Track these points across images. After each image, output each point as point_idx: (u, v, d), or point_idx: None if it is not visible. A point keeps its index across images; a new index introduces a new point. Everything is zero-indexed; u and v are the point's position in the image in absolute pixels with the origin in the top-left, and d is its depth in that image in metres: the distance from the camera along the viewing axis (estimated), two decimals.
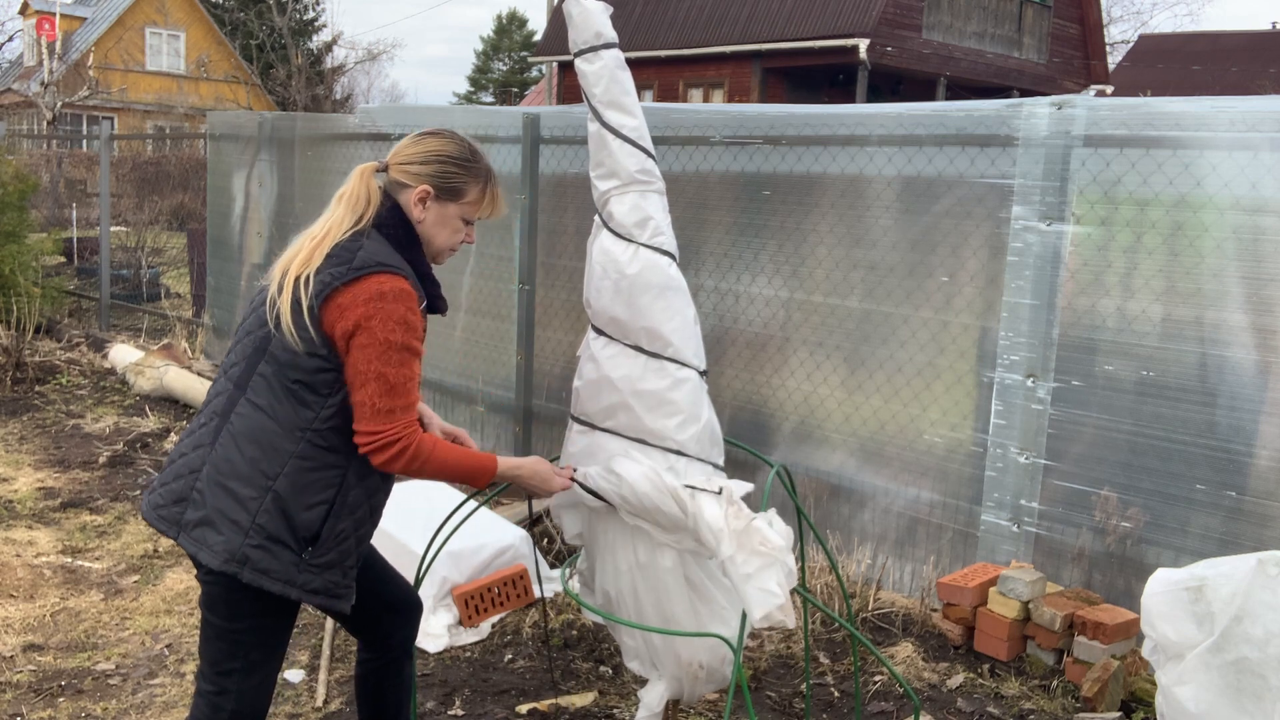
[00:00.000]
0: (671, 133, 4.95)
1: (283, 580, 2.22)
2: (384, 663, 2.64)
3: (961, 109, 4.22)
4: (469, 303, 6.24)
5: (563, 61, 23.82)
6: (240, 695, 2.30)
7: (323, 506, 2.23)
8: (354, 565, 2.35)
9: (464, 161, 2.37)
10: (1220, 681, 2.49)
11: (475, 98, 55.51)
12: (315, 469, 2.22)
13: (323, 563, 2.26)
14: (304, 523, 2.22)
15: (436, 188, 2.33)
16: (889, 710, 3.53)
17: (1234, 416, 3.59)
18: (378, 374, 2.16)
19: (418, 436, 2.21)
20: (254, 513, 2.20)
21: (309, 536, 2.23)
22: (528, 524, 4.83)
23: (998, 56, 21.87)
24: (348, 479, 2.26)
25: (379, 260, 2.20)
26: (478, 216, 2.42)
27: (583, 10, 2.66)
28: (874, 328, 4.44)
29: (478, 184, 2.38)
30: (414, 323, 2.21)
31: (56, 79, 25.19)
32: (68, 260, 13.23)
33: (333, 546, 2.26)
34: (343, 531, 2.27)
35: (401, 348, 2.18)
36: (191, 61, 35.75)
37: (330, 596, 2.30)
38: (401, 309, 2.18)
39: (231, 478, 2.21)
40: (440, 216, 2.35)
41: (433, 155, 2.35)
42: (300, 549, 2.23)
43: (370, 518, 2.36)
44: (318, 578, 2.26)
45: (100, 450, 6.17)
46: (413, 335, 2.20)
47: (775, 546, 2.32)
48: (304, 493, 2.22)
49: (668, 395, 2.62)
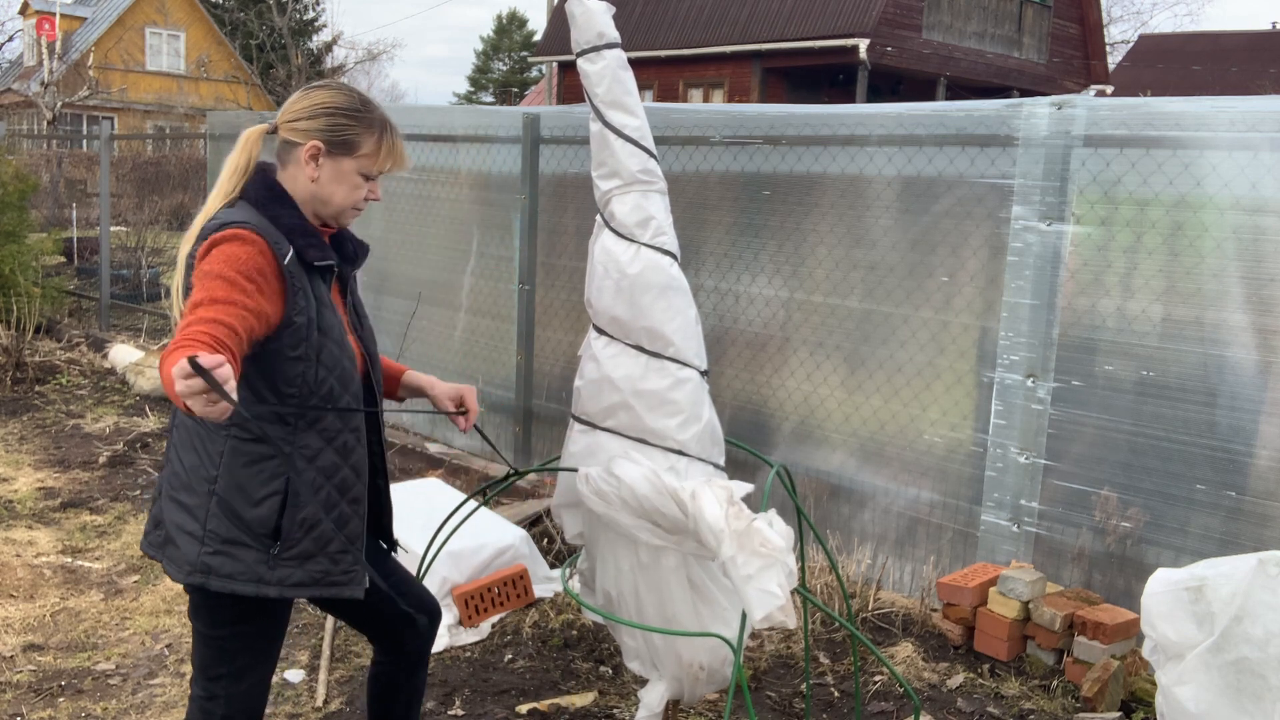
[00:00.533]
0: (671, 133, 4.95)
1: (253, 581, 2.15)
2: (398, 668, 2.60)
3: (961, 109, 4.22)
4: (469, 303, 6.24)
5: (563, 61, 23.82)
6: (230, 700, 2.26)
7: (274, 499, 2.14)
8: (347, 550, 2.24)
9: (355, 112, 2.21)
10: (1220, 681, 2.49)
11: (475, 98, 55.51)
12: (251, 463, 2.13)
13: (297, 554, 2.17)
14: (257, 519, 2.13)
15: (327, 142, 2.18)
16: (889, 710, 3.53)
17: (1234, 416, 3.59)
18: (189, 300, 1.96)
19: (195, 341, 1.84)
20: (203, 520, 2.14)
21: (267, 533, 2.14)
22: (527, 524, 4.83)
23: (998, 56, 21.87)
24: (295, 464, 2.15)
25: (222, 222, 2.08)
26: (377, 170, 2.25)
27: (585, 10, 2.66)
28: (874, 328, 4.44)
29: (372, 135, 2.22)
30: (240, 256, 2.01)
31: (56, 79, 25.19)
32: (68, 260, 13.24)
33: (303, 537, 2.17)
34: (308, 519, 2.17)
35: (214, 275, 1.97)
36: (191, 61, 35.75)
37: (325, 586, 2.22)
38: (228, 248, 2.02)
39: (179, 490, 2.17)
40: (335, 173, 2.20)
41: (320, 108, 2.20)
42: (264, 546, 2.14)
43: (345, 497, 2.23)
44: (298, 570, 2.18)
45: (100, 450, 6.17)
46: (230, 265, 1.99)
47: (776, 547, 2.32)
48: (247, 489, 2.13)
49: (669, 395, 2.62)
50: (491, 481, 3.45)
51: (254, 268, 2.03)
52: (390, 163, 2.27)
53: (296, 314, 2.11)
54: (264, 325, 2.04)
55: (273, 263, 2.07)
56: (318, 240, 2.20)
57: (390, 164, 2.27)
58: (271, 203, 2.17)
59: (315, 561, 2.20)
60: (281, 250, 2.10)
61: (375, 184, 2.28)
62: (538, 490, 5.34)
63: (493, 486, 3.28)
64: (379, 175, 2.28)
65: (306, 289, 2.14)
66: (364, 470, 2.28)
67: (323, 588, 2.22)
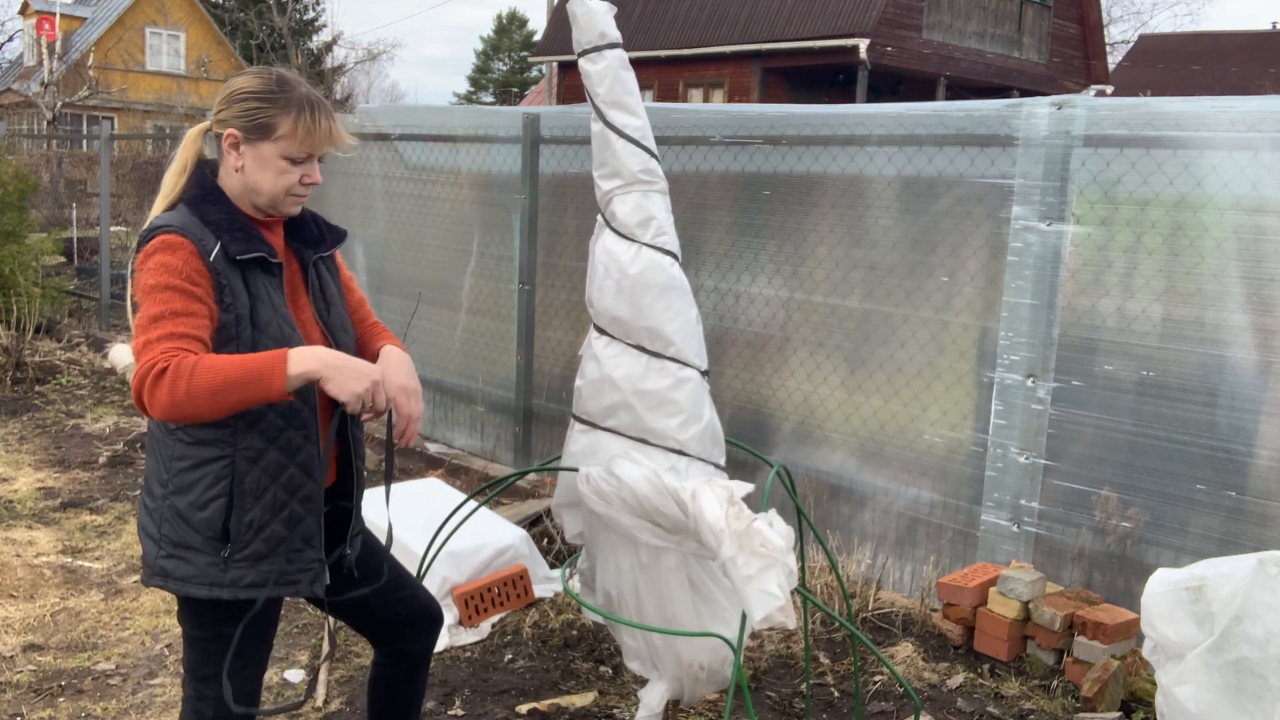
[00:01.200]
0: (671, 133, 4.95)
1: (206, 584, 2.13)
2: (399, 670, 2.58)
3: (961, 109, 4.22)
4: (469, 303, 6.24)
5: (563, 61, 23.82)
6: (219, 701, 2.25)
7: (219, 501, 2.11)
8: (302, 548, 2.20)
9: (268, 95, 2.12)
10: (1220, 681, 2.49)
11: (475, 98, 55.51)
12: (195, 466, 2.12)
13: (248, 556, 2.14)
14: (203, 522, 2.11)
15: (242, 129, 2.12)
16: (889, 710, 3.53)
17: (1234, 416, 3.59)
18: (139, 320, 1.99)
19: (177, 357, 1.93)
20: (158, 523, 2.15)
21: (215, 535, 2.12)
22: (528, 524, 4.83)
23: (998, 56, 21.87)
24: (237, 467, 2.11)
25: (152, 228, 2.08)
26: (301, 152, 2.14)
27: (587, 10, 2.66)
28: (874, 328, 4.44)
29: (288, 117, 2.12)
30: (173, 263, 2.02)
31: (56, 79, 25.19)
32: (68, 260, 13.24)
33: (252, 539, 2.14)
34: (255, 521, 2.13)
35: (152, 288, 2.00)
36: (191, 61, 35.75)
37: (281, 585, 2.18)
38: (160, 257, 2.03)
39: (145, 493, 2.20)
40: (257, 159, 2.13)
41: (234, 96, 2.14)
42: (214, 549, 2.13)
43: (295, 496, 2.18)
44: (250, 571, 2.15)
45: (100, 450, 6.17)
46: (170, 274, 2.01)
47: (776, 548, 2.32)
48: (192, 492, 2.12)
49: (669, 395, 2.62)
50: (491, 481, 3.45)
51: (191, 270, 2.03)
52: (316, 143, 2.15)
53: (223, 311, 2.08)
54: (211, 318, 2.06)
55: (199, 259, 2.05)
56: (245, 234, 2.14)
57: (316, 144, 2.16)
58: (202, 200, 2.15)
59: (269, 562, 2.17)
60: (206, 248, 2.08)
61: (312, 167, 2.18)
62: (538, 490, 5.34)
63: (493, 486, 3.28)
64: (310, 157, 2.18)
65: (235, 285, 2.10)
66: (315, 468, 2.21)
67: (279, 587, 2.19)
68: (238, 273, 2.11)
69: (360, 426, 2.39)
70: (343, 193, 7.15)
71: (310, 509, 2.21)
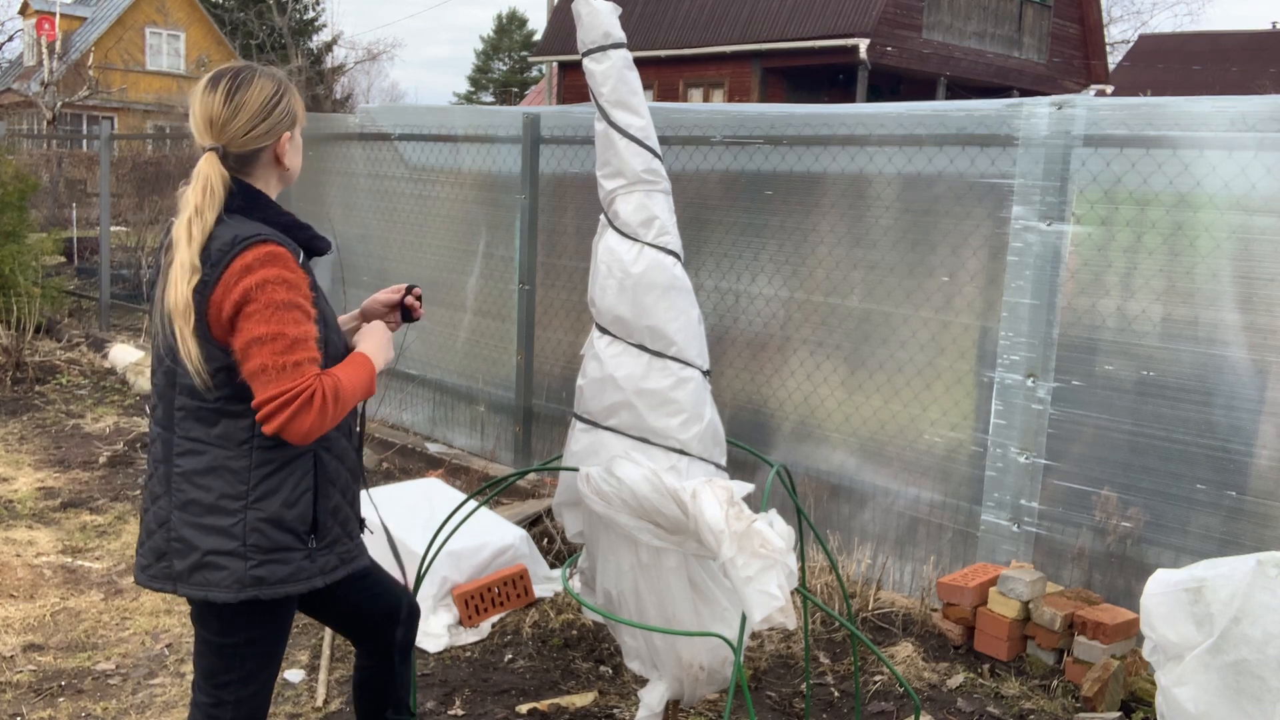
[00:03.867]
0: (672, 132, 4.95)
1: (304, 579, 2.21)
2: (382, 668, 2.61)
3: (961, 109, 4.22)
4: (469, 303, 6.24)
5: (563, 61, 23.81)
6: (238, 705, 2.27)
7: (308, 495, 2.20)
8: (356, 523, 2.37)
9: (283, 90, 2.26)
10: (1219, 682, 2.49)
11: (475, 98, 55.50)
12: (279, 468, 2.16)
13: (330, 541, 2.26)
14: (297, 519, 2.19)
15: (290, 127, 2.27)
16: (889, 710, 3.53)
17: (1234, 416, 3.59)
18: (274, 334, 2.03)
19: (326, 381, 2.09)
20: (242, 537, 2.14)
21: (307, 529, 2.20)
22: (527, 524, 4.83)
23: (998, 56, 21.87)
24: (320, 459, 2.23)
25: (234, 238, 2.09)
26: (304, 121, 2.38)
27: (591, 10, 2.66)
28: (874, 327, 4.44)
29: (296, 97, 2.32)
30: (294, 280, 2.09)
31: (56, 79, 25.17)
32: (68, 260, 13.24)
33: (333, 524, 2.27)
34: (335, 506, 2.27)
35: (290, 305, 2.06)
36: (191, 61, 35.72)
37: (349, 563, 2.31)
38: (275, 270, 2.07)
39: (206, 515, 2.15)
40: (293, 146, 2.31)
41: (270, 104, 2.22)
42: (304, 543, 2.20)
43: (353, 479, 2.36)
44: (331, 556, 2.26)
45: (100, 450, 6.17)
46: (297, 292, 2.09)
47: (776, 548, 2.32)
48: (281, 492, 2.16)
49: (671, 394, 2.62)
50: (491, 481, 3.45)
51: (305, 282, 2.13)
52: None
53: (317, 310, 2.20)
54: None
55: (301, 267, 2.16)
56: (310, 229, 2.27)
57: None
58: (260, 207, 2.19)
59: (341, 544, 2.29)
60: (296, 251, 2.16)
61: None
62: (538, 490, 5.34)
63: (493, 486, 3.28)
64: None
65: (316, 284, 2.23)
66: (358, 447, 2.42)
67: (349, 565, 2.31)
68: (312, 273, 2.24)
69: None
70: (342, 193, 7.15)
71: (359, 485, 2.41)
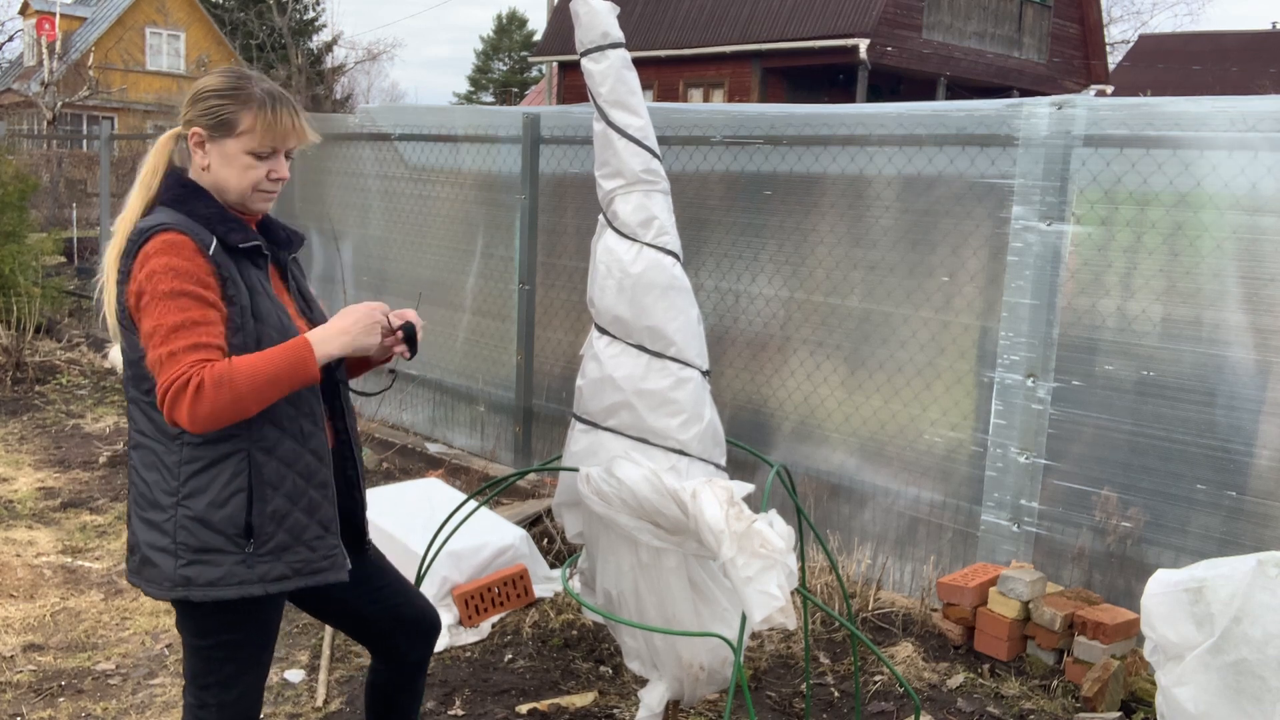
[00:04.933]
0: (672, 132, 4.95)
1: (235, 583, 2.13)
2: (398, 677, 2.57)
3: (961, 109, 4.22)
4: (469, 303, 6.24)
5: (563, 61, 23.81)
6: (221, 709, 2.24)
7: (239, 496, 2.11)
8: (322, 535, 2.22)
9: (229, 91, 2.15)
10: (1219, 682, 2.49)
11: (475, 98, 55.50)
12: (208, 466, 2.11)
13: (273, 548, 2.15)
14: (225, 520, 2.11)
15: (206, 126, 2.15)
16: (889, 710, 3.53)
17: (1234, 416, 3.59)
18: (157, 326, 2.01)
19: (208, 367, 1.99)
20: (172, 534, 2.12)
21: (239, 532, 2.12)
22: (527, 524, 4.83)
23: (998, 56, 21.87)
24: (254, 459, 2.12)
25: (145, 227, 2.09)
26: (265, 147, 2.17)
27: (590, 10, 2.66)
28: (874, 327, 4.44)
29: (249, 111, 2.14)
30: (184, 267, 2.04)
31: (56, 79, 25.17)
32: (68, 260, 13.25)
33: (276, 530, 2.15)
34: (278, 511, 2.15)
35: (176, 294, 2.03)
36: (191, 61, 35.71)
37: (307, 575, 2.19)
38: (165, 259, 2.04)
39: (146, 508, 2.16)
40: (221, 156, 2.16)
41: (198, 94, 2.17)
42: (238, 546, 2.12)
43: (312, 483, 2.20)
44: (277, 564, 2.15)
45: (100, 450, 6.17)
46: (186, 280, 2.04)
47: (776, 549, 2.32)
48: (209, 492, 2.11)
49: (670, 395, 2.62)
50: (491, 481, 3.45)
51: (198, 269, 2.06)
52: (277, 137, 2.17)
53: (228, 303, 2.10)
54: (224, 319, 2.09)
55: (201, 256, 2.08)
56: (238, 224, 2.17)
57: (278, 138, 2.17)
58: (187, 198, 2.16)
59: (293, 552, 2.18)
60: (205, 241, 2.10)
61: (277, 162, 2.20)
62: (538, 490, 5.34)
63: (493, 486, 3.28)
64: (275, 153, 2.19)
65: (235, 277, 2.12)
66: (326, 454, 2.25)
67: (305, 577, 2.20)
68: (235, 265, 2.13)
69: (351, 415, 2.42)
70: (342, 192, 7.15)
71: (326, 495, 2.24)
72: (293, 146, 2.22)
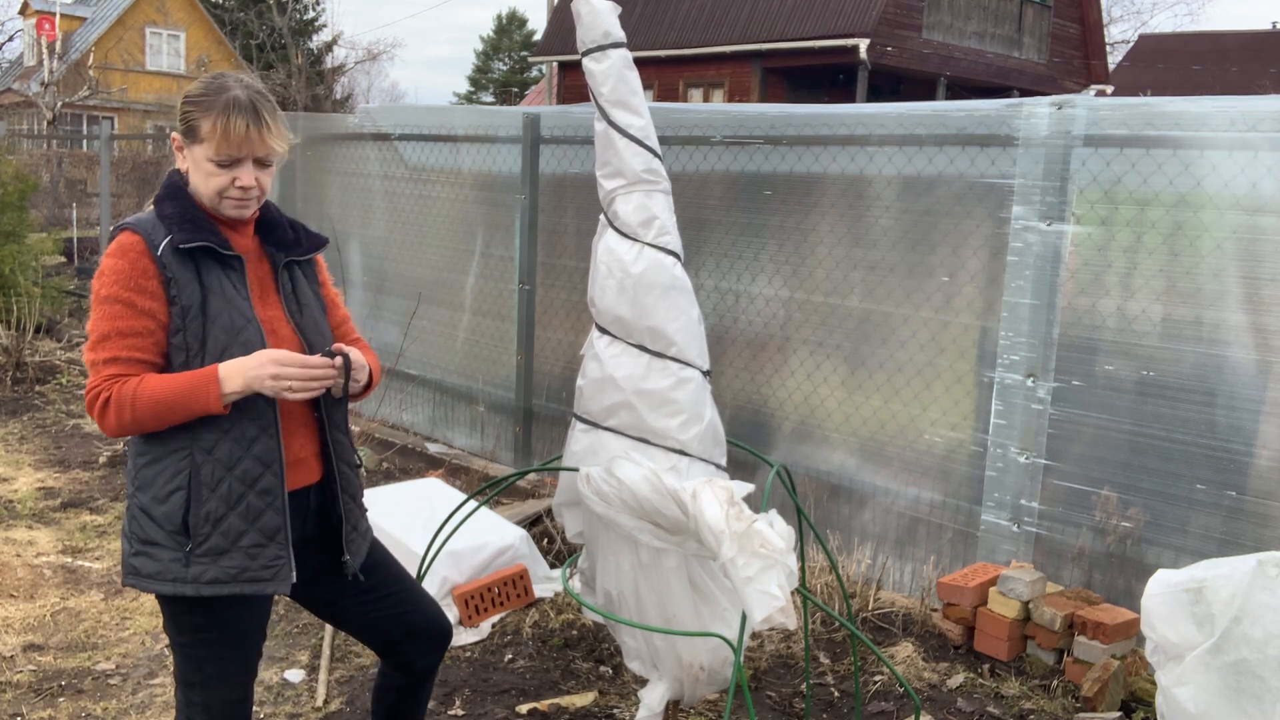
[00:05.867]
0: (672, 132, 4.95)
1: (169, 580, 2.14)
2: (404, 683, 2.55)
3: (961, 109, 4.22)
4: (469, 302, 6.24)
5: (563, 61, 23.81)
6: (207, 709, 2.24)
7: (178, 495, 2.13)
8: (264, 544, 2.18)
9: (199, 98, 2.14)
10: (1220, 683, 2.49)
11: (475, 98, 55.49)
12: (154, 461, 2.15)
13: (208, 550, 2.14)
14: (164, 516, 2.14)
15: (181, 132, 2.18)
16: (889, 710, 3.53)
17: (1234, 416, 3.59)
18: (89, 330, 2.12)
19: (117, 384, 2.07)
20: (129, 521, 2.19)
21: (176, 529, 2.13)
22: (528, 524, 4.83)
23: (998, 56, 21.87)
24: (194, 459, 2.13)
25: (116, 226, 2.18)
26: (223, 155, 2.13)
27: (591, 10, 2.66)
28: (874, 327, 4.44)
29: (209, 119, 2.11)
30: (124, 270, 2.09)
31: (56, 79, 25.17)
32: (68, 260, 13.25)
33: (210, 532, 2.13)
34: (212, 514, 2.13)
35: (108, 299, 2.10)
36: (191, 61, 35.71)
37: (244, 583, 2.16)
38: (111, 260, 2.11)
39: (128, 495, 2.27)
40: (193, 162, 2.18)
41: (181, 99, 2.19)
42: (178, 544, 2.14)
43: (253, 489, 2.16)
44: (212, 567, 2.14)
45: (100, 450, 6.17)
46: (120, 285, 2.09)
47: (776, 549, 2.32)
48: (154, 486, 2.15)
49: (670, 395, 2.62)
50: (491, 481, 3.45)
51: (139, 272, 2.10)
52: (231, 146, 2.12)
53: (171, 303, 2.13)
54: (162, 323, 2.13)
55: (147, 257, 2.11)
56: (195, 225, 2.16)
57: (233, 147, 2.12)
58: (165, 198, 2.21)
59: (229, 557, 2.16)
60: (155, 242, 2.13)
61: (243, 171, 2.15)
62: (538, 490, 5.34)
63: (493, 486, 3.28)
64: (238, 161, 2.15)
65: (183, 277, 2.13)
66: (274, 460, 2.19)
67: (242, 584, 2.17)
68: (189, 265, 2.15)
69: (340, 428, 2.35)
70: (342, 192, 7.15)
71: (270, 503, 2.19)
72: (252, 156, 2.16)
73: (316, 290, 2.41)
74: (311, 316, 2.34)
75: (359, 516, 2.42)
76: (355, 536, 2.39)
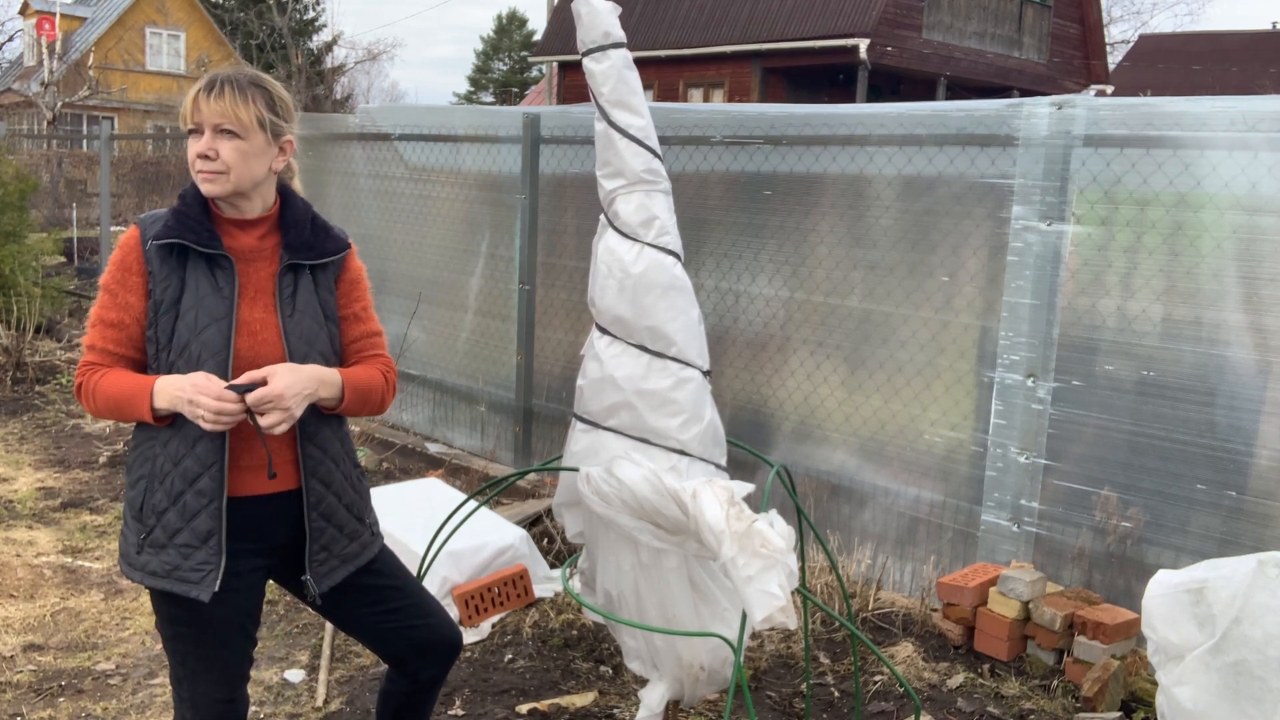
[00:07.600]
0: (672, 132, 4.95)
1: (128, 564, 2.24)
2: (409, 692, 2.52)
3: (961, 109, 4.22)
4: (469, 302, 6.24)
5: (563, 61, 23.81)
6: (194, 705, 2.23)
7: (143, 482, 2.22)
8: (196, 545, 2.16)
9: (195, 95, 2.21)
10: (1219, 683, 2.49)
11: (475, 98, 55.50)
12: (136, 446, 2.26)
13: (152, 541, 2.19)
14: (130, 502, 2.25)
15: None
16: (889, 710, 3.53)
17: (1234, 416, 3.59)
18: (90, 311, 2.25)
19: (89, 373, 2.20)
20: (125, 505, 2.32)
21: (135, 515, 2.23)
22: (528, 524, 4.83)
23: (998, 56, 21.87)
24: (155, 449, 2.20)
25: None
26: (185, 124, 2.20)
27: (591, 10, 2.66)
28: (874, 327, 4.44)
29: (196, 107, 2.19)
30: (119, 261, 2.21)
31: (56, 79, 25.17)
32: (68, 260, 13.25)
33: (155, 524, 2.18)
34: (157, 505, 2.18)
35: (105, 288, 2.23)
36: (191, 61, 35.72)
37: (174, 581, 2.16)
38: (116, 252, 2.24)
39: None
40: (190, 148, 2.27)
41: None
42: (136, 532, 2.22)
43: (191, 486, 2.16)
44: (155, 558, 2.18)
45: (100, 450, 6.17)
46: (113, 274, 2.21)
47: (776, 548, 2.32)
48: (132, 472, 2.26)
49: (671, 395, 2.62)
50: (491, 481, 3.45)
51: (129, 264, 2.20)
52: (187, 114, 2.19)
53: (148, 296, 2.20)
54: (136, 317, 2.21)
55: (137, 250, 2.20)
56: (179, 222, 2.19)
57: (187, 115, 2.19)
58: (181, 195, 2.27)
59: (166, 552, 2.18)
60: (148, 235, 2.21)
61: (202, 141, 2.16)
62: (538, 490, 5.34)
63: (493, 486, 3.28)
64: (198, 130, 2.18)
65: (163, 271, 2.17)
66: (214, 464, 2.16)
67: (172, 582, 2.17)
68: (173, 260, 2.19)
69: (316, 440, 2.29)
70: (342, 193, 7.15)
71: (205, 505, 2.17)
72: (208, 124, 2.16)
73: (325, 298, 2.31)
74: (303, 324, 2.25)
75: (335, 537, 2.32)
76: (325, 557, 2.30)
